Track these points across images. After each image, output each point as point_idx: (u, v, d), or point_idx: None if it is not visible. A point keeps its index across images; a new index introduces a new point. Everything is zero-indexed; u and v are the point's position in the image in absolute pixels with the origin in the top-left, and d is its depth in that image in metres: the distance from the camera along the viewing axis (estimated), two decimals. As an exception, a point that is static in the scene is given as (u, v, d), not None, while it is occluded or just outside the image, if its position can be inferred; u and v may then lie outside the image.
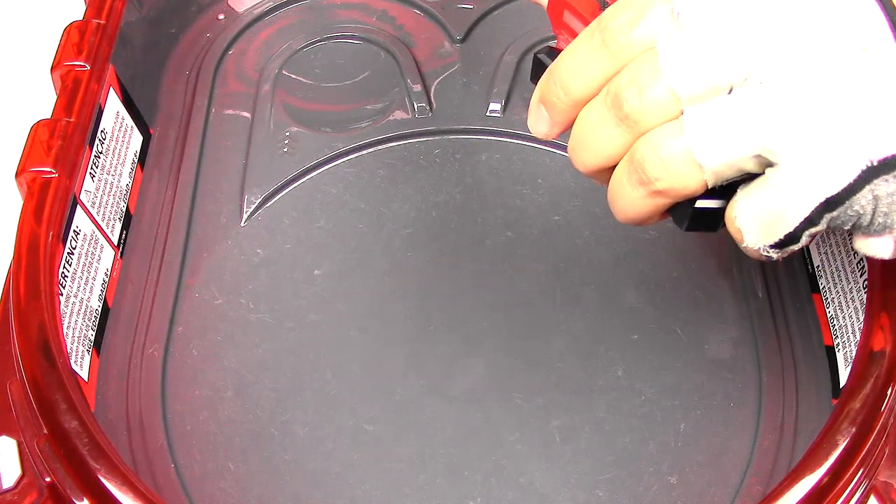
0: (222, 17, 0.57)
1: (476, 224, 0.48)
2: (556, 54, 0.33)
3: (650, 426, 0.41)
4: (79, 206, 0.42)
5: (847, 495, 0.33)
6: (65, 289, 0.40)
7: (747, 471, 0.39)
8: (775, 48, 0.28)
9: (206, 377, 0.42)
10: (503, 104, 0.52)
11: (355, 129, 0.51)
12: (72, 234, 0.41)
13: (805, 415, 0.41)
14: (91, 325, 0.42)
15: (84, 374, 0.40)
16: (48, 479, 0.34)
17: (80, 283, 0.42)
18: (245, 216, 0.48)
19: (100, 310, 0.43)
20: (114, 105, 0.47)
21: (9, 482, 0.34)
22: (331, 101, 0.53)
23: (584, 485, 0.39)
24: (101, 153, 0.45)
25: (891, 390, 0.34)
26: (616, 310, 0.44)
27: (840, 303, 0.41)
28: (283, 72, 0.54)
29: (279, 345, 0.43)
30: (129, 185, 0.48)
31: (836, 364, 0.41)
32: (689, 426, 0.41)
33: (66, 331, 0.39)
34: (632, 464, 0.40)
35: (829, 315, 0.42)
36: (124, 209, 0.47)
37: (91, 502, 0.32)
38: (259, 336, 0.44)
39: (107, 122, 0.46)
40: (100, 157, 0.45)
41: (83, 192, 0.43)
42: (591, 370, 0.42)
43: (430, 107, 0.52)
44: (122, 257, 0.46)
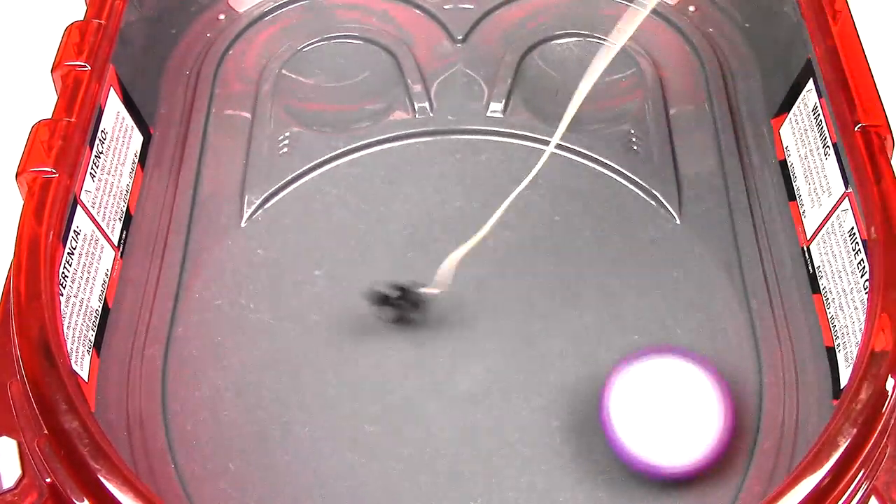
0: (222, 17, 0.57)
1: (476, 224, 0.47)
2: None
3: (650, 426, 0.41)
4: (79, 207, 0.42)
5: (848, 496, 0.33)
6: (65, 289, 0.40)
7: (747, 471, 0.39)
8: None
9: (206, 377, 0.42)
10: (503, 104, 0.52)
11: (355, 129, 0.51)
12: (72, 234, 0.41)
13: (805, 415, 0.41)
14: (91, 325, 0.42)
15: (84, 374, 0.40)
16: (48, 480, 0.34)
17: (80, 284, 0.42)
18: (245, 216, 0.48)
19: (100, 310, 0.43)
20: (114, 105, 0.47)
21: (9, 482, 0.34)
22: (331, 101, 0.53)
23: (584, 485, 0.39)
24: (101, 153, 0.45)
25: (891, 391, 0.34)
26: (616, 310, 0.44)
27: (841, 303, 0.41)
28: (283, 72, 0.54)
29: (279, 345, 0.43)
30: (130, 185, 0.48)
31: (837, 364, 0.41)
32: (690, 426, 0.40)
33: (66, 331, 0.39)
34: (632, 464, 0.40)
35: (829, 315, 0.42)
36: (124, 209, 0.47)
37: (91, 503, 0.32)
38: (259, 336, 0.44)
39: (107, 123, 0.46)
40: (100, 158, 0.45)
41: (83, 192, 0.43)
42: (591, 370, 0.42)
43: (430, 107, 0.52)
44: (122, 257, 0.46)
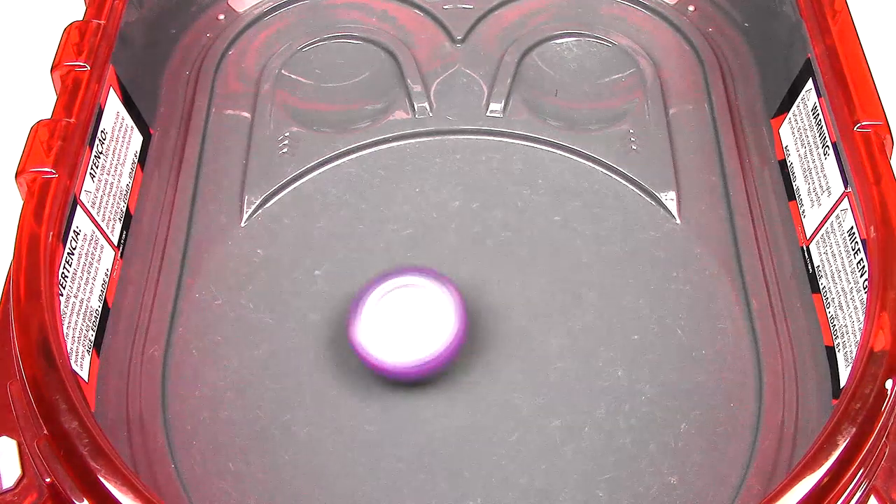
0: (222, 17, 0.57)
1: (476, 224, 0.48)
2: None
3: (650, 426, 0.41)
4: (79, 207, 0.42)
5: (847, 495, 0.33)
6: (65, 289, 0.40)
7: (747, 471, 0.39)
8: None
9: (206, 377, 0.42)
10: (503, 104, 0.52)
11: (355, 129, 0.51)
12: (72, 234, 0.41)
13: (805, 415, 0.41)
14: (91, 325, 0.42)
15: (84, 374, 0.40)
16: (48, 480, 0.34)
17: (80, 284, 0.42)
18: (245, 216, 0.48)
19: (100, 310, 0.43)
20: (114, 105, 0.47)
21: (9, 482, 0.34)
22: (331, 101, 0.53)
23: (584, 485, 0.39)
24: (101, 153, 0.45)
25: (891, 390, 0.34)
26: (616, 310, 0.44)
27: (840, 303, 0.41)
28: (283, 72, 0.54)
29: (279, 345, 0.43)
30: (129, 185, 0.48)
31: (836, 364, 0.41)
32: (689, 426, 0.41)
33: (66, 331, 0.39)
34: (632, 464, 0.40)
35: (829, 315, 0.42)
36: (124, 209, 0.47)
37: (91, 503, 0.33)
38: (259, 336, 0.44)
39: (107, 123, 0.46)
40: (100, 158, 0.45)
41: (83, 192, 0.43)
42: (591, 370, 0.42)
43: (430, 107, 0.52)
44: (122, 257, 0.46)
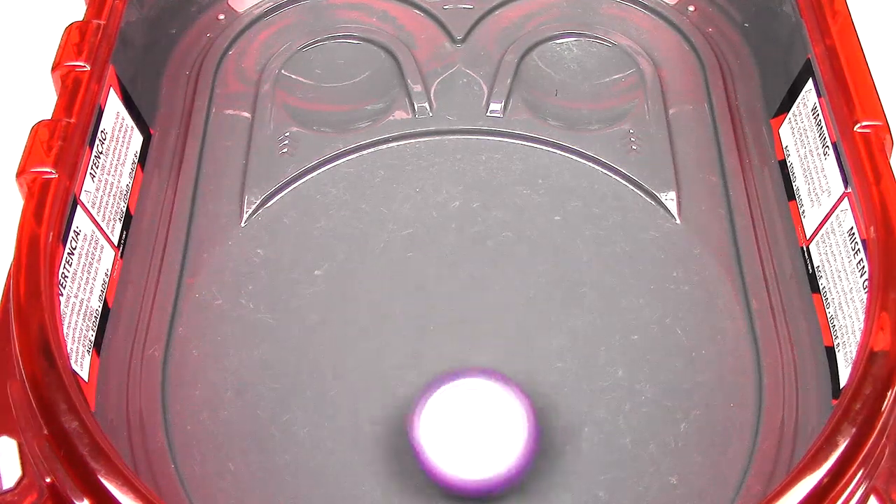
0: (222, 17, 0.57)
1: (476, 224, 0.48)
2: None
3: (650, 426, 0.41)
4: (79, 207, 0.42)
5: (847, 495, 0.33)
6: (65, 289, 0.40)
7: (747, 471, 0.39)
8: None
9: (206, 377, 0.42)
10: (503, 104, 0.52)
11: (355, 129, 0.51)
12: (72, 234, 0.41)
13: (805, 415, 0.41)
14: (91, 325, 0.42)
15: (84, 374, 0.40)
16: (48, 480, 0.34)
17: (80, 284, 0.42)
18: (245, 216, 0.48)
19: (100, 310, 0.43)
20: (114, 105, 0.47)
21: (9, 482, 0.34)
22: (331, 101, 0.53)
23: (584, 485, 0.39)
24: (101, 153, 0.45)
25: (891, 390, 0.34)
26: (616, 310, 0.44)
27: (840, 303, 0.41)
28: (283, 72, 0.54)
29: (279, 345, 0.43)
30: (129, 185, 0.48)
31: (836, 364, 0.41)
32: (689, 426, 0.40)
33: (66, 331, 0.39)
34: (632, 464, 0.40)
35: (829, 315, 0.42)
36: (124, 209, 0.47)
37: (91, 503, 0.33)
38: (259, 336, 0.44)
39: (107, 123, 0.46)
40: (100, 158, 0.45)
41: (83, 192, 0.43)
42: (591, 370, 0.42)
43: (430, 107, 0.52)
44: (122, 257, 0.46)
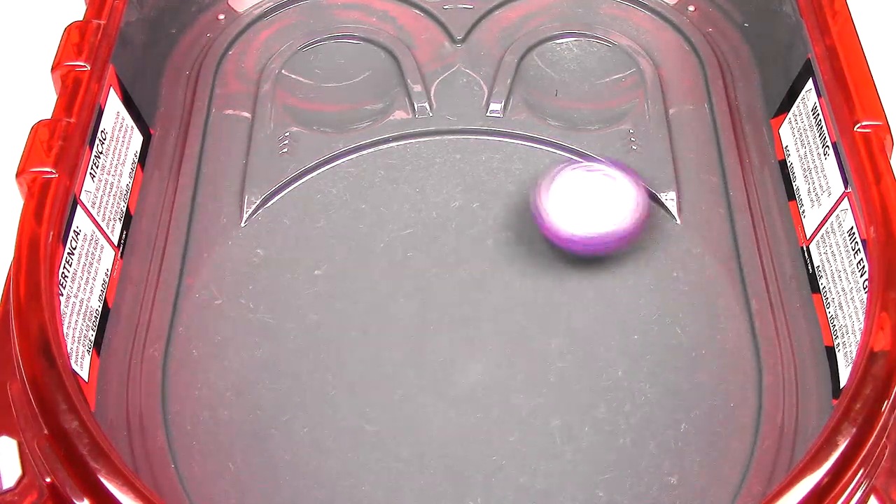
0: (222, 17, 0.57)
1: (476, 224, 0.48)
2: None
3: (650, 426, 0.41)
4: (79, 207, 0.42)
5: (847, 495, 0.33)
6: (65, 289, 0.40)
7: (747, 471, 0.39)
8: None
9: (206, 377, 0.42)
10: (503, 104, 0.52)
11: (355, 129, 0.51)
12: (72, 234, 0.41)
13: (805, 415, 0.41)
14: (91, 325, 0.42)
15: (84, 374, 0.40)
16: (48, 480, 0.34)
17: (80, 284, 0.42)
18: (245, 216, 0.48)
19: (100, 310, 0.43)
20: (114, 105, 0.47)
21: (9, 482, 0.34)
22: (331, 101, 0.53)
23: (584, 485, 0.39)
24: (101, 153, 0.45)
25: (891, 390, 0.34)
26: (616, 310, 0.44)
27: (840, 303, 0.41)
28: (283, 72, 0.54)
29: (279, 345, 0.43)
30: (129, 185, 0.48)
31: (836, 364, 0.41)
32: (689, 426, 0.40)
33: (66, 331, 0.39)
34: (632, 464, 0.40)
35: (829, 315, 0.42)
36: (124, 209, 0.47)
37: (91, 502, 0.33)
38: (259, 336, 0.44)
39: (107, 123, 0.46)
40: (100, 158, 0.45)
41: (83, 192, 0.43)
42: (591, 370, 0.42)
43: (430, 107, 0.52)
44: (122, 257, 0.46)
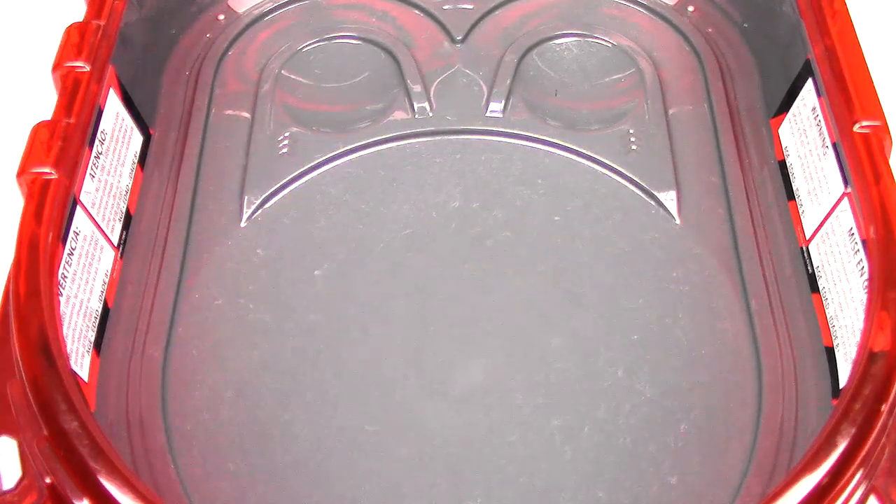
0: (222, 17, 0.57)
1: (476, 224, 0.48)
2: None
3: (650, 426, 0.41)
4: (79, 207, 0.42)
5: (847, 495, 0.33)
6: (65, 289, 0.40)
7: (747, 471, 0.39)
8: None
9: (206, 377, 0.42)
10: (503, 104, 0.52)
11: (355, 129, 0.51)
12: (72, 234, 0.42)
13: (805, 415, 0.41)
14: (91, 325, 0.42)
15: (84, 374, 0.40)
16: (48, 480, 0.34)
17: (80, 284, 0.42)
18: (245, 216, 0.48)
19: (100, 310, 0.43)
20: (114, 105, 0.47)
21: (9, 483, 0.34)
22: (331, 101, 0.53)
23: (584, 485, 0.39)
24: (101, 154, 0.45)
25: (891, 390, 0.34)
26: (616, 310, 0.44)
27: (840, 303, 0.41)
28: (283, 72, 0.54)
29: (279, 345, 0.43)
30: (129, 185, 0.48)
31: (836, 364, 0.41)
32: (689, 426, 0.40)
33: (66, 331, 0.39)
34: (632, 464, 0.40)
35: (829, 315, 0.42)
36: (124, 209, 0.47)
37: (91, 503, 0.33)
38: (259, 336, 0.44)
39: (107, 123, 0.46)
40: (100, 158, 0.45)
41: (83, 192, 0.43)
42: (591, 370, 0.42)
43: (430, 107, 0.52)
44: (122, 258, 0.46)
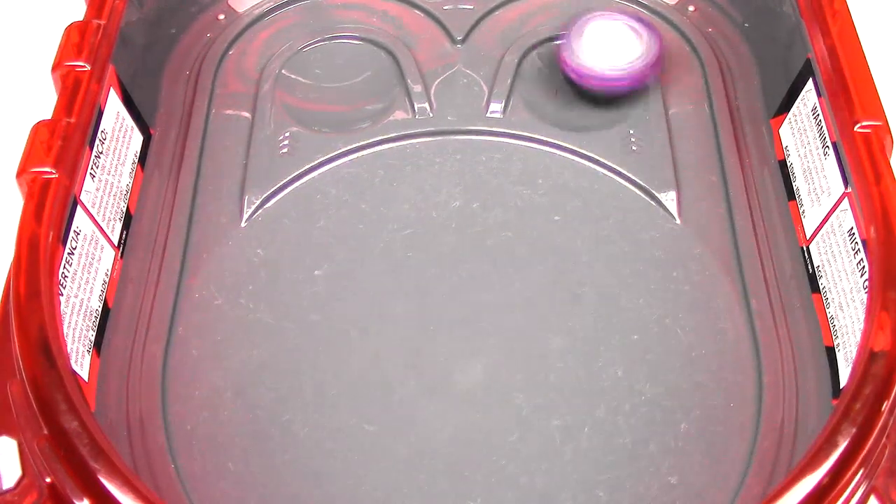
0: (222, 17, 0.57)
1: (476, 224, 0.48)
2: None
3: (650, 426, 0.41)
4: (79, 207, 0.42)
5: (847, 495, 0.33)
6: (65, 289, 0.40)
7: (747, 471, 0.39)
8: None
9: (206, 377, 0.42)
10: (503, 104, 0.52)
11: (355, 129, 0.51)
12: (72, 234, 0.41)
13: (805, 415, 0.41)
14: (91, 325, 0.42)
15: (84, 374, 0.40)
16: (48, 480, 0.34)
17: (80, 284, 0.42)
18: (245, 216, 0.48)
19: (100, 310, 0.43)
20: (114, 105, 0.47)
21: (9, 482, 0.34)
22: (331, 101, 0.53)
23: (584, 485, 0.39)
24: (101, 153, 0.45)
25: (891, 390, 0.34)
26: (616, 310, 0.44)
27: (840, 303, 0.41)
28: (283, 72, 0.54)
29: (279, 345, 0.43)
30: (129, 185, 0.48)
31: (836, 364, 0.41)
32: (689, 426, 0.41)
33: (66, 331, 0.39)
34: (632, 464, 0.40)
35: (829, 315, 0.42)
36: (124, 209, 0.47)
37: (91, 502, 0.33)
38: (259, 336, 0.44)
39: (107, 123, 0.46)
40: (100, 158, 0.45)
41: (83, 192, 0.43)
42: (591, 370, 0.42)
43: (430, 107, 0.52)
44: (122, 257, 0.46)
